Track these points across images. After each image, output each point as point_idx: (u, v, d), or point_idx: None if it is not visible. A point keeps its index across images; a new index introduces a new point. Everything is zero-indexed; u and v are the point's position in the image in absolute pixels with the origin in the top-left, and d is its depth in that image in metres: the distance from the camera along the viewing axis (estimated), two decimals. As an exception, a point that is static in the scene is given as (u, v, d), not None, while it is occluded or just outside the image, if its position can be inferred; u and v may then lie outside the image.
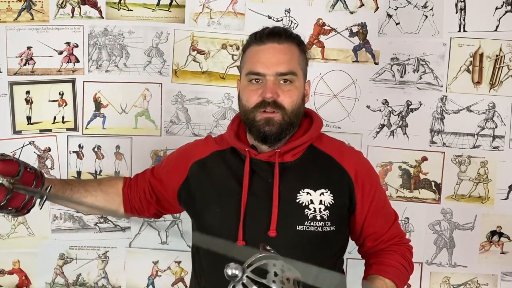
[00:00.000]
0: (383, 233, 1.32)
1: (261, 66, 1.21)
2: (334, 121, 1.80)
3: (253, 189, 1.23)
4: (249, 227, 1.21)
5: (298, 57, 1.25)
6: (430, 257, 1.83)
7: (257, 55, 1.23)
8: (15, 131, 1.79)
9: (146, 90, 1.81)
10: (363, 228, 1.30)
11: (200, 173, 1.31)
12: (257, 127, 1.22)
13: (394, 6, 1.78)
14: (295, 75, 1.23)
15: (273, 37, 1.23)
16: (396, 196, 1.82)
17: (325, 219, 1.22)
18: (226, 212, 1.24)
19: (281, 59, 1.21)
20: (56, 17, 1.78)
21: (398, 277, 1.26)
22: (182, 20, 1.79)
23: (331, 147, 1.31)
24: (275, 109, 1.20)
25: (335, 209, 1.23)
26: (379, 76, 1.80)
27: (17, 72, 1.78)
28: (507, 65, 1.77)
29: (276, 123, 1.21)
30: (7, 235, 1.82)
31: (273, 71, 1.20)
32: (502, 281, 1.84)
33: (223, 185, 1.27)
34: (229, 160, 1.30)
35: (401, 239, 1.35)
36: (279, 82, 1.21)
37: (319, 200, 1.23)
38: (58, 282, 1.86)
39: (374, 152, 1.80)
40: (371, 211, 1.28)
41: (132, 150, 1.82)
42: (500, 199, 1.80)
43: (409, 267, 1.31)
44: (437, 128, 1.79)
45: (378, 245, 1.32)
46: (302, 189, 1.23)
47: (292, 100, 1.22)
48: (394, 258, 1.29)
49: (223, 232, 1.20)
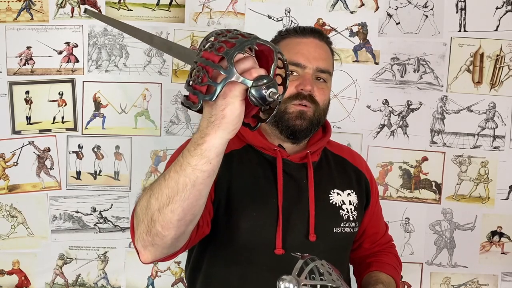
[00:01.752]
0: (380, 235, 1.35)
1: (302, 57, 1.17)
2: (334, 121, 1.80)
3: (287, 192, 1.15)
4: (287, 233, 1.11)
5: (331, 59, 1.25)
6: (430, 258, 1.83)
7: (298, 46, 1.18)
8: (15, 131, 1.79)
9: (146, 90, 1.81)
10: (367, 227, 1.32)
11: (226, 170, 1.12)
12: (288, 120, 1.16)
13: (395, 6, 1.77)
14: (330, 74, 1.21)
15: (315, 33, 1.22)
16: (397, 196, 1.82)
17: (355, 220, 1.21)
18: (263, 217, 1.12)
19: (322, 55, 1.19)
20: (55, 17, 1.77)
21: (396, 275, 1.29)
22: (182, 20, 1.79)
23: (341, 149, 1.33)
24: (310, 103, 1.16)
25: (359, 209, 1.24)
26: (379, 76, 1.79)
27: (16, 72, 1.77)
28: (508, 65, 1.77)
29: (308, 118, 1.16)
30: (7, 235, 1.82)
31: (314, 64, 1.17)
32: (503, 282, 1.84)
33: (256, 187, 1.15)
34: (252, 160, 1.19)
35: (392, 245, 1.40)
36: (315, 79, 1.18)
37: (348, 201, 1.21)
38: (58, 282, 1.86)
39: (374, 152, 1.80)
40: (376, 212, 1.32)
41: (132, 150, 1.82)
42: (501, 199, 1.80)
43: (400, 268, 1.35)
44: (437, 128, 1.79)
45: (374, 247, 1.34)
46: (332, 190, 1.21)
47: (325, 98, 1.20)
48: (390, 258, 1.32)
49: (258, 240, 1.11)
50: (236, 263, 1.12)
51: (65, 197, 1.82)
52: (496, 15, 1.76)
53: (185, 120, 1.82)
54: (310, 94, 1.16)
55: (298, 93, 1.16)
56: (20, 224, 1.82)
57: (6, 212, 1.81)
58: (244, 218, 1.12)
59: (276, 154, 1.17)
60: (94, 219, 1.83)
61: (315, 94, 1.17)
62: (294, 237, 1.12)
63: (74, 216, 1.83)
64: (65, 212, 1.82)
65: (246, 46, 0.78)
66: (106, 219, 1.84)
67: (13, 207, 1.81)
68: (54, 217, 1.82)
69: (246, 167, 1.17)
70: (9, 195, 1.80)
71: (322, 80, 1.19)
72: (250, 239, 1.10)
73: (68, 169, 1.81)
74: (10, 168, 1.80)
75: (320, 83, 1.19)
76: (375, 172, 1.78)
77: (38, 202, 1.81)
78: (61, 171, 1.81)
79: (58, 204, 1.82)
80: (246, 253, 1.11)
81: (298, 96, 1.16)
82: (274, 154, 1.18)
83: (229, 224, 1.12)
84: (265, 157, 1.19)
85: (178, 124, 1.82)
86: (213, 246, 1.16)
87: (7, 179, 1.80)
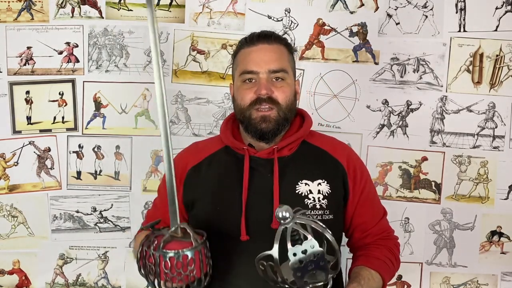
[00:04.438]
0: (371, 225, 1.34)
1: (254, 64, 1.26)
2: (334, 121, 1.80)
3: (253, 186, 1.25)
4: (252, 222, 1.23)
5: (287, 57, 1.31)
6: (430, 257, 1.83)
7: (249, 56, 1.28)
8: (15, 131, 1.79)
9: (146, 90, 1.81)
10: (353, 217, 1.33)
11: (196, 177, 1.32)
12: (253, 125, 1.26)
13: (394, 6, 1.78)
14: (286, 72, 1.28)
15: (263, 38, 1.29)
16: (396, 196, 1.82)
17: (324, 208, 1.25)
18: (227, 210, 1.26)
19: (272, 57, 1.27)
20: (56, 17, 1.78)
21: (384, 270, 1.28)
22: (182, 20, 1.79)
23: (323, 141, 1.36)
24: (270, 104, 1.25)
25: (332, 198, 1.27)
26: (379, 76, 1.80)
27: (17, 72, 1.78)
28: (507, 65, 1.77)
29: (272, 120, 1.26)
30: (7, 235, 1.83)
31: (265, 68, 1.25)
32: (502, 281, 1.84)
33: (222, 184, 1.29)
34: (224, 160, 1.32)
35: (389, 235, 1.37)
36: (272, 80, 1.26)
37: (317, 190, 1.26)
38: (58, 282, 1.86)
39: (374, 152, 1.80)
40: (361, 201, 1.32)
41: (132, 150, 1.82)
42: (500, 199, 1.80)
43: (396, 262, 1.34)
44: (437, 128, 1.79)
45: (365, 238, 1.34)
46: (300, 181, 1.27)
47: (286, 95, 1.27)
48: (381, 251, 1.31)
49: (225, 229, 1.23)
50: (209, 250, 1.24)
51: (65, 197, 1.82)
52: (495, 15, 1.76)
53: (185, 120, 1.82)
54: (269, 96, 1.25)
55: (257, 98, 1.25)
56: (21, 224, 1.82)
57: (7, 212, 1.81)
58: (209, 212, 1.27)
59: (244, 152, 1.28)
60: (94, 219, 1.84)
61: (274, 95, 1.25)
62: (258, 225, 1.22)
63: (74, 216, 1.83)
64: (65, 212, 1.82)
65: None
66: (106, 219, 1.84)
67: (13, 207, 1.82)
68: (55, 217, 1.83)
69: (216, 169, 1.31)
70: (10, 195, 1.81)
71: (280, 79, 1.27)
72: (217, 229, 1.22)
73: (68, 169, 1.82)
74: (11, 168, 1.80)
75: (278, 82, 1.27)
76: (375, 172, 1.79)
77: (38, 202, 1.81)
78: (62, 171, 1.81)
79: (59, 204, 1.82)
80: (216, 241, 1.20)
81: (257, 101, 1.25)
82: (243, 152, 1.29)
83: (199, 219, 1.29)
84: (237, 156, 1.30)
85: (178, 124, 1.82)
86: None
87: (8, 179, 1.80)
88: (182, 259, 1.01)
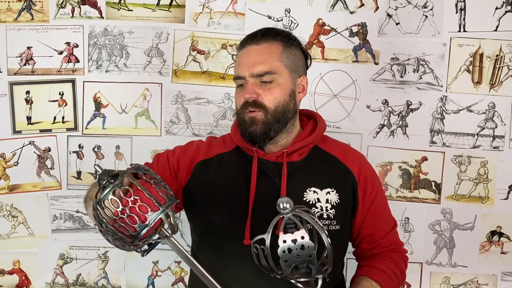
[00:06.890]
0: (379, 237, 1.32)
1: (240, 69, 1.25)
2: (334, 121, 1.80)
3: (261, 189, 1.24)
4: (256, 226, 1.20)
5: (279, 54, 1.24)
6: (430, 257, 1.84)
7: (239, 59, 1.27)
8: (15, 131, 1.79)
9: (146, 90, 1.81)
10: (361, 228, 1.31)
11: (204, 173, 1.31)
12: (244, 127, 1.25)
13: (394, 6, 1.78)
14: (272, 73, 1.23)
15: (251, 39, 1.26)
16: (396, 196, 1.82)
17: (331, 218, 1.23)
18: (233, 211, 1.24)
19: (257, 60, 1.23)
20: (56, 17, 1.78)
21: (385, 282, 1.26)
22: (182, 20, 1.79)
23: (335, 148, 1.33)
24: (255, 108, 1.23)
25: (340, 208, 1.24)
26: (379, 76, 1.80)
27: (17, 72, 1.78)
28: (507, 65, 1.77)
29: (259, 122, 1.23)
30: (7, 235, 1.83)
31: (249, 72, 1.23)
32: (502, 281, 1.84)
33: (229, 184, 1.27)
34: (235, 160, 1.31)
35: (397, 247, 1.35)
36: (260, 82, 1.23)
37: (325, 199, 1.24)
38: (58, 282, 1.86)
39: (374, 152, 1.80)
40: (370, 212, 1.29)
41: (132, 150, 1.82)
42: (500, 199, 1.80)
43: (400, 276, 1.31)
44: (437, 128, 1.79)
45: (373, 249, 1.32)
46: (309, 188, 1.25)
47: (274, 97, 1.23)
48: (385, 263, 1.29)
49: (229, 231, 1.22)
50: (210, 250, 1.26)
51: (65, 196, 1.82)
52: (495, 15, 1.76)
53: (185, 120, 1.82)
54: (254, 100, 1.22)
55: (245, 101, 1.24)
56: (21, 224, 1.82)
57: (7, 212, 1.81)
58: (214, 211, 1.26)
59: (253, 154, 1.27)
60: (94, 219, 1.84)
61: (260, 98, 1.22)
62: (262, 230, 1.17)
63: (74, 215, 1.83)
64: (65, 211, 1.83)
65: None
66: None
67: (13, 207, 1.82)
68: (55, 217, 1.83)
69: (225, 168, 1.30)
70: (10, 195, 1.81)
71: (267, 82, 1.23)
72: (221, 230, 1.23)
73: (68, 169, 1.82)
74: (11, 168, 1.80)
75: (265, 84, 1.23)
76: (375, 172, 1.79)
77: (38, 202, 1.82)
78: (62, 171, 1.81)
79: (59, 203, 1.82)
80: (219, 242, 1.23)
81: (245, 104, 1.24)
82: (252, 153, 1.28)
83: (204, 218, 1.29)
84: (247, 157, 1.29)
85: (178, 124, 1.83)
86: (196, 236, 1.34)
87: (8, 179, 1.80)
88: (122, 192, 0.96)
